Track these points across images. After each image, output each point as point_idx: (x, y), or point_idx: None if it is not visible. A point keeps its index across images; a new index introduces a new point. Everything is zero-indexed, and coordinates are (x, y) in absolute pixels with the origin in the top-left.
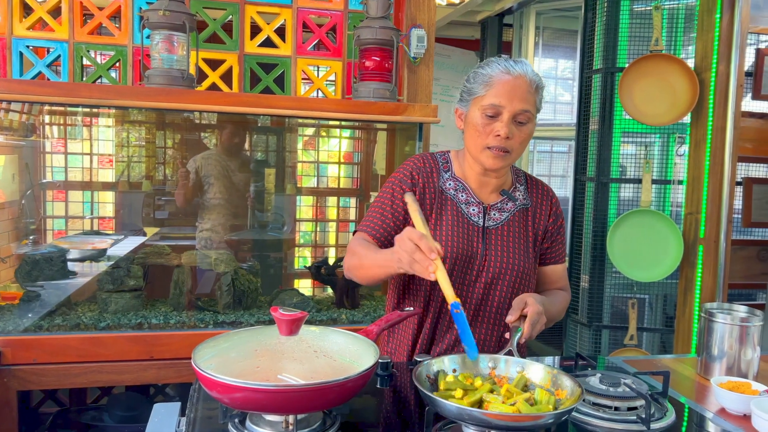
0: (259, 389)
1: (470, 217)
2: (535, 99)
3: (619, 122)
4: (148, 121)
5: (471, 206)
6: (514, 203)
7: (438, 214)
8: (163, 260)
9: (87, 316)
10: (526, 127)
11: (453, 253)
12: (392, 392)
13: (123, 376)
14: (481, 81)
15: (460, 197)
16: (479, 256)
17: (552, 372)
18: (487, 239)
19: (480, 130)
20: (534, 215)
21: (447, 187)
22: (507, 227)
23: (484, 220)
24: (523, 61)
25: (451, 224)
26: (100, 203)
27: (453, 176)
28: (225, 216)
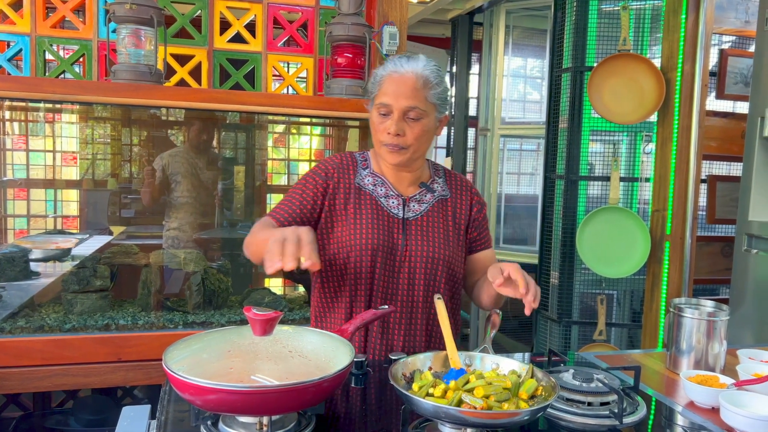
0: (232, 391)
1: (390, 209)
2: (426, 94)
3: (587, 121)
4: (113, 118)
5: (390, 199)
6: (432, 194)
7: (356, 208)
8: (131, 260)
9: (51, 317)
10: (420, 123)
11: (374, 245)
12: (367, 391)
13: (90, 378)
14: (376, 81)
15: (379, 191)
16: (400, 247)
17: (525, 368)
18: (408, 230)
19: (376, 128)
20: (454, 206)
21: (365, 183)
22: (427, 218)
23: (403, 212)
24: (419, 57)
25: (371, 217)
26: (64, 202)
27: (371, 172)
28: (193, 215)
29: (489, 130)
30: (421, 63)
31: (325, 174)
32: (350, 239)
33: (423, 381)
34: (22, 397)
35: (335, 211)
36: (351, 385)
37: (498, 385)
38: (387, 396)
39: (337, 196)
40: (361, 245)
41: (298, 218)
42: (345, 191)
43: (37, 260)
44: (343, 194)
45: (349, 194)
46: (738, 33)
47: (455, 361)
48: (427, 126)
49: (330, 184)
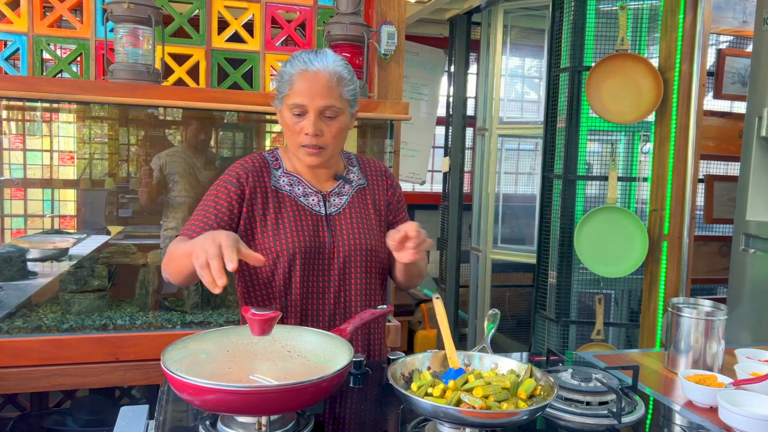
0: (231, 391)
1: (311, 207)
2: (340, 91)
3: (585, 120)
4: (111, 118)
5: (310, 197)
6: (350, 185)
7: (276, 212)
8: (129, 260)
9: (49, 317)
10: (337, 121)
11: (301, 247)
12: (366, 391)
13: (87, 378)
14: (285, 80)
15: (296, 191)
16: (327, 245)
17: (524, 367)
18: (333, 226)
19: (291, 129)
20: (372, 192)
21: (281, 184)
22: (349, 210)
23: (325, 208)
24: (326, 52)
25: (293, 219)
26: (61, 201)
27: (285, 172)
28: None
29: (487, 129)
30: (330, 58)
31: (237, 180)
32: (274, 245)
33: (422, 381)
34: (20, 397)
35: (254, 218)
36: (350, 385)
37: (497, 385)
38: (386, 396)
39: (254, 201)
40: (287, 249)
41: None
42: (262, 196)
43: (34, 260)
44: (261, 199)
45: (267, 198)
46: (735, 33)
47: (454, 361)
48: (344, 123)
49: (245, 189)
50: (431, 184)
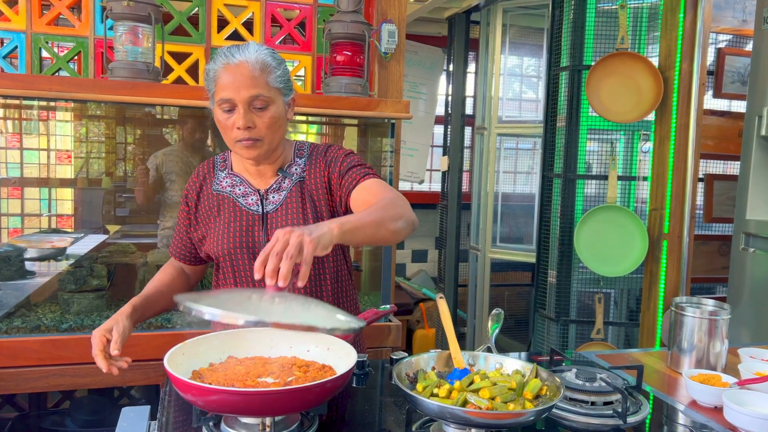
0: (234, 392)
1: (249, 207)
2: (267, 80)
3: (585, 119)
4: (108, 116)
5: (248, 197)
6: (290, 179)
7: (215, 216)
8: (128, 259)
9: (48, 317)
10: (268, 111)
11: (229, 248)
12: (369, 391)
13: (86, 379)
14: (210, 77)
15: (237, 191)
16: (262, 244)
17: (530, 368)
18: (267, 224)
19: (224, 126)
20: (309, 186)
21: (223, 186)
22: (285, 206)
23: (263, 207)
24: (248, 44)
25: (227, 221)
26: (58, 200)
27: (230, 173)
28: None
29: (486, 128)
30: (252, 48)
31: (186, 197)
32: (214, 248)
33: (427, 381)
34: (18, 397)
35: (200, 225)
36: (353, 385)
37: (503, 386)
38: (389, 396)
39: (198, 211)
40: (223, 251)
41: (187, 249)
42: (206, 202)
43: (32, 259)
44: (205, 206)
45: (210, 203)
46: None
47: (459, 361)
48: (277, 113)
49: (191, 204)
50: (429, 183)
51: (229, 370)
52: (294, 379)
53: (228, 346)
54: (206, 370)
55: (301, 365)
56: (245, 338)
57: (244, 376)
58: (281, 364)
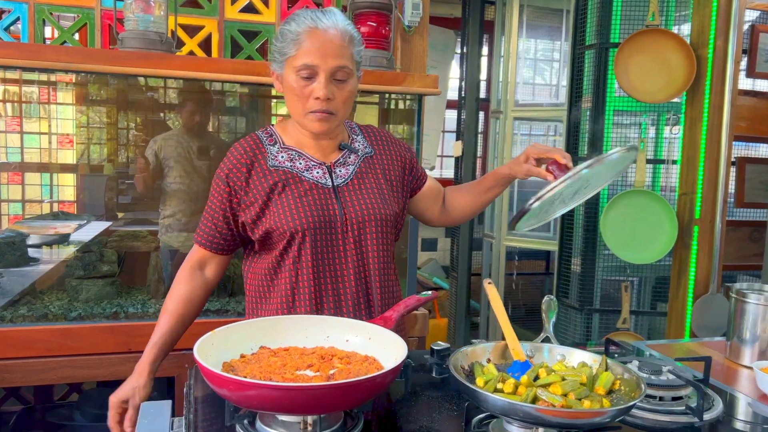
0: (279, 387)
1: (317, 181)
2: (352, 52)
3: (611, 100)
4: (110, 101)
5: (312, 170)
6: (356, 155)
7: (279, 192)
8: (140, 243)
9: (55, 305)
10: (348, 85)
11: (310, 225)
12: (412, 384)
13: (97, 371)
14: (290, 39)
15: (298, 166)
16: (338, 217)
17: (598, 359)
18: (341, 197)
19: (299, 94)
20: (381, 161)
21: (280, 161)
22: (357, 180)
23: (332, 180)
24: (333, 10)
25: (297, 196)
26: (60, 186)
27: (283, 147)
28: (187, 202)
29: (502, 112)
30: (339, 16)
31: (226, 178)
32: (286, 224)
33: (488, 375)
34: (23, 390)
35: (253, 204)
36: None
37: (574, 380)
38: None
39: (249, 189)
40: (302, 226)
41: (221, 235)
42: (261, 179)
43: (36, 245)
44: (261, 183)
45: (268, 180)
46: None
47: (518, 353)
48: (354, 87)
49: (234, 186)
50: (440, 169)
51: (263, 362)
52: (337, 371)
53: (260, 335)
54: (238, 362)
55: (342, 356)
56: (278, 327)
57: (281, 369)
58: (320, 355)
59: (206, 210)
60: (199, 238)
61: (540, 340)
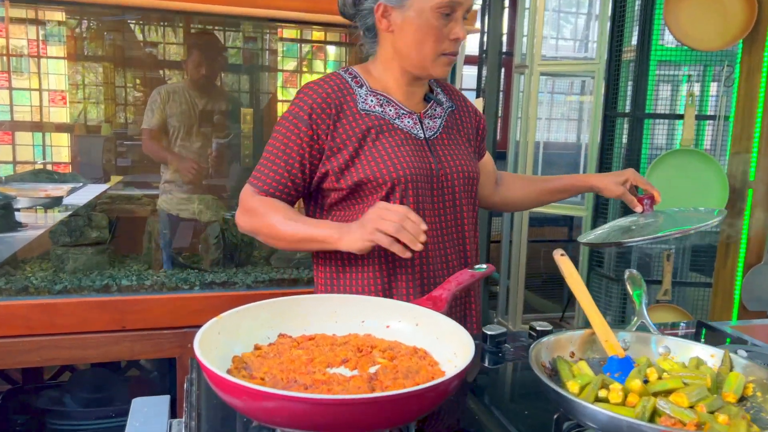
0: (311, 401)
1: (410, 130)
2: None
3: (655, 51)
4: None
5: (403, 119)
6: (442, 107)
7: (373, 140)
8: (134, 206)
9: (38, 276)
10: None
11: (413, 175)
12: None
13: (87, 351)
14: None
15: (388, 112)
16: (435, 172)
17: (717, 354)
18: (434, 150)
19: (436, 34)
20: (461, 117)
21: (370, 105)
22: (446, 134)
23: (423, 131)
24: None
25: (394, 144)
26: (54, 147)
27: (371, 91)
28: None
29: (527, 67)
30: None
31: (309, 117)
32: (381, 176)
33: (582, 377)
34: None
35: (343, 153)
36: None
37: (698, 386)
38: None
39: (337, 136)
40: (405, 177)
41: (288, 187)
42: (349, 124)
43: (22, 209)
44: (349, 129)
45: (358, 123)
46: None
47: (613, 346)
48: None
49: (320, 126)
50: None
51: (284, 356)
52: (380, 370)
53: (278, 320)
54: (251, 356)
55: (384, 348)
56: (300, 309)
57: (308, 366)
58: (356, 346)
59: (273, 153)
60: (261, 184)
61: (634, 327)
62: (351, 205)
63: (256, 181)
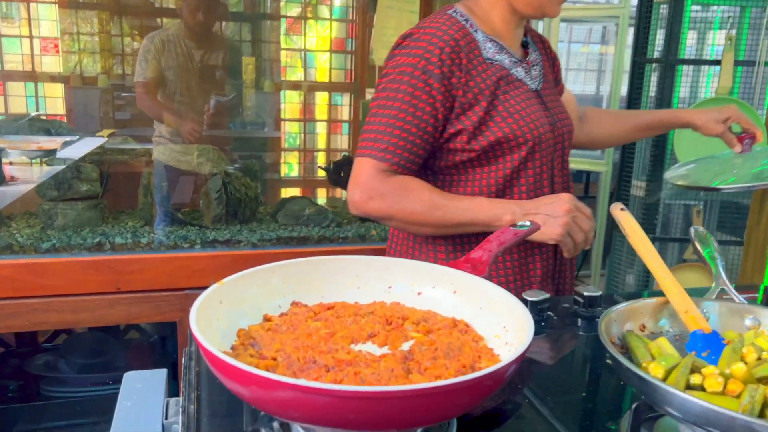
0: (338, 393)
1: (524, 81)
2: None
3: None
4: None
5: (517, 68)
6: (536, 53)
7: (504, 93)
8: (127, 157)
9: (24, 233)
10: None
11: (545, 134)
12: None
13: (80, 315)
14: None
15: (505, 61)
16: (553, 128)
17: None
18: (546, 104)
19: None
20: (547, 62)
21: (491, 53)
22: (546, 84)
23: (533, 82)
24: None
25: (524, 98)
26: (48, 98)
27: (486, 36)
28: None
29: None
30: None
31: (440, 70)
32: (518, 136)
33: (666, 358)
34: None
35: (477, 110)
36: None
37: None
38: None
39: (469, 90)
40: (541, 136)
41: (419, 155)
42: (479, 75)
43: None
44: (480, 82)
45: (485, 76)
46: None
47: (696, 319)
48: None
49: (451, 80)
50: None
51: (299, 329)
52: (414, 346)
53: (291, 285)
54: (260, 329)
55: (417, 320)
56: (317, 272)
57: (328, 342)
58: (384, 317)
59: (400, 118)
60: (391, 157)
61: (714, 294)
62: (468, 169)
63: (384, 154)
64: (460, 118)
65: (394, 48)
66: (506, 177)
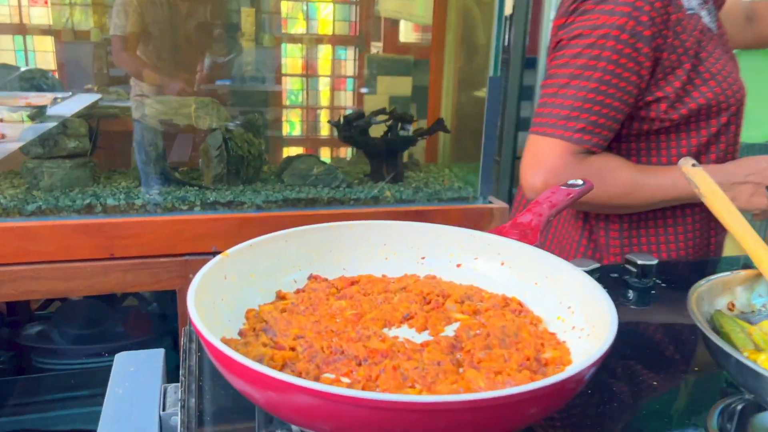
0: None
1: (710, 27)
2: None
3: None
4: None
5: (702, 10)
6: None
7: (703, 51)
8: (118, 111)
9: (7, 194)
10: None
11: (743, 95)
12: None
13: (71, 282)
14: None
15: (701, 11)
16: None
17: None
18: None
19: None
20: None
21: (694, 2)
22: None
23: (713, 21)
24: None
25: (722, 52)
26: (37, 52)
27: None
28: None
29: None
30: None
31: (650, 31)
32: (722, 101)
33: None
34: None
35: (681, 72)
36: None
37: None
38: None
39: (675, 50)
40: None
41: (614, 129)
42: (684, 32)
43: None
44: (684, 38)
45: (691, 32)
46: None
47: None
48: None
49: (658, 41)
50: None
51: (320, 310)
52: (459, 329)
53: (308, 256)
54: (273, 310)
55: (460, 297)
56: (338, 240)
57: (356, 327)
58: (420, 294)
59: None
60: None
61: None
62: (656, 137)
63: (581, 135)
64: (660, 84)
65: (583, 1)
66: (699, 146)
